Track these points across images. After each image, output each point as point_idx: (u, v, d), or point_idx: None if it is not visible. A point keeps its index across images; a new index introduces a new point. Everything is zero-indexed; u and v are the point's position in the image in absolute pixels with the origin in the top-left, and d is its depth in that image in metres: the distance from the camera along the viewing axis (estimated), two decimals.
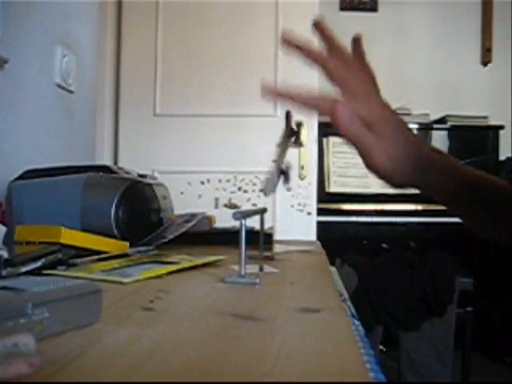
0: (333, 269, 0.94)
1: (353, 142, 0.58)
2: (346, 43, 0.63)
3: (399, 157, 0.58)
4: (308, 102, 0.60)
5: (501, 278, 2.41)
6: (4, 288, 0.41)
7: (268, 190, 0.63)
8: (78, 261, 0.72)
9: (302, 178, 2.34)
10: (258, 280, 0.61)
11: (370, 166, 0.59)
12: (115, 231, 0.96)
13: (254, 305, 0.51)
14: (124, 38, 2.35)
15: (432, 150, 0.63)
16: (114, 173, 1.06)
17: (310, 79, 2.35)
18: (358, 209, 2.44)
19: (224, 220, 1.21)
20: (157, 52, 2.33)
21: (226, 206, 2.33)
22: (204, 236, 1.12)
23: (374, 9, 3.12)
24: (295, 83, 0.60)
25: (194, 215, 1.07)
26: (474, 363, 1.89)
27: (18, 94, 1.33)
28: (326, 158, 2.54)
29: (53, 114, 1.52)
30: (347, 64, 0.62)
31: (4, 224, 0.89)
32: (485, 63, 3.15)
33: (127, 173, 1.10)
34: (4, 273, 0.58)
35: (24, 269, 0.61)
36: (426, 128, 2.82)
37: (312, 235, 2.08)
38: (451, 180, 0.62)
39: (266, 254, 0.89)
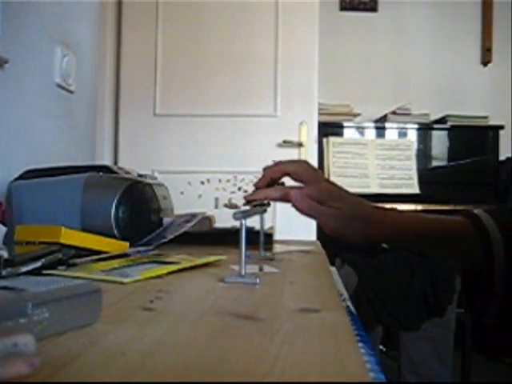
0: (333, 269, 0.94)
1: (309, 214, 0.75)
2: (346, 43, 0.64)
3: (348, 217, 0.74)
4: (276, 198, 0.78)
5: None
6: (4, 288, 0.41)
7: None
8: (78, 261, 0.72)
9: None
10: (258, 280, 0.61)
11: (329, 230, 0.75)
12: (115, 231, 0.96)
13: (254, 305, 0.51)
14: (124, 38, 2.36)
15: (377, 207, 0.77)
16: (114, 173, 1.06)
17: (310, 79, 2.35)
18: None
19: (224, 220, 1.21)
20: (157, 52, 2.34)
21: (226, 205, 2.33)
22: (204, 236, 1.12)
23: (373, 9, 3.12)
24: (294, 83, 0.61)
25: (194, 215, 1.07)
26: (474, 363, 1.89)
27: (18, 93, 1.33)
28: (325, 158, 2.54)
29: (53, 114, 1.52)
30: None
31: (4, 224, 0.89)
32: (485, 63, 3.15)
33: (127, 173, 1.10)
34: (4, 273, 0.58)
35: (24, 269, 0.61)
36: (426, 128, 2.82)
37: (312, 235, 2.09)
38: (401, 231, 0.77)
39: (266, 254, 0.89)
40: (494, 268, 0.71)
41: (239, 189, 2.32)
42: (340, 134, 2.70)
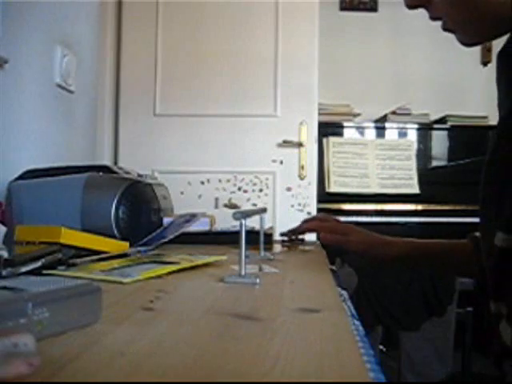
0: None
1: (338, 243, 0.97)
2: (346, 43, 0.64)
3: (371, 242, 0.96)
4: (309, 229, 1.10)
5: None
6: (4, 288, 0.41)
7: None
8: (78, 261, 0.72)
9: (302, 177, 2.34)
10: (258, 280, 0.61)
11: (359, 253, 0.97)
12: (115, 231, 0.96)
13: (254, 305, 0.51)
14: (124, 38, 2.35)
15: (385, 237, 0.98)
16: (114, 173, 1.06)
17: (310, 79, 2.35)
18: (357, 209, 2.44)
19: (224, 220, 1.21)
20: (157, 52, 2.34)
21: (226, 205, 2.33)
22: (204, 236, 1.12)
23: (373, 9, 3.11)
24: (294, 83, 0.61)
25: (194, 215, 1.07)
26: (474, 363, 1.88)
27: (18, 93, 1.33)
28: (326, 158, 2.54)
29: (53, 114, 1.52)
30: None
31: (4, 224, 0.89)
32: (485, 63, 3.15)
33: (127, 173, 1.10)
34: (4, 273, 0.58)
35: (24, 269, 0.61)
36: (426, 128, 2.82)
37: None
38: (404, 251, 0.94)
39: (266, 254, 0.89)
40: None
41: (239, 189, 2.32)
42: (340, 134, 2.69)
